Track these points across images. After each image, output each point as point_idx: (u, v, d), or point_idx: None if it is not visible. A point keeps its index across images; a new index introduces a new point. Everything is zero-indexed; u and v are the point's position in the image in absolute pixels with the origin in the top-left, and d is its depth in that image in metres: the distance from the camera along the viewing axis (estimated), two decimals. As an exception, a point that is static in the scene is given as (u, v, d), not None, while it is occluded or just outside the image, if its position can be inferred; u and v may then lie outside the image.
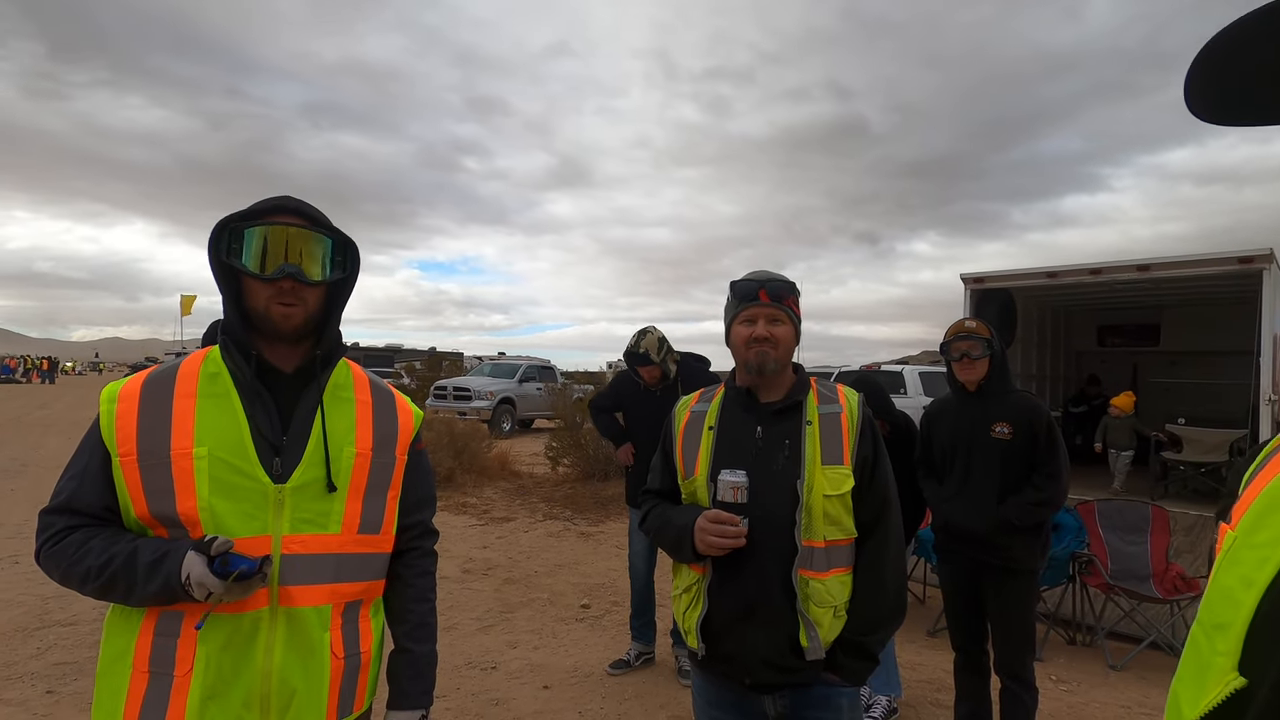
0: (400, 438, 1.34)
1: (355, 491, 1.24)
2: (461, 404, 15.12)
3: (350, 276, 1.29)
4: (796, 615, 1.47)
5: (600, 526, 7.07)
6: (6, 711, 3.06)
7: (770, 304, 1.58)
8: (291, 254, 1.19)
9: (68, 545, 1.15)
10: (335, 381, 1.29)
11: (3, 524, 6.45)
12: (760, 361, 1.56)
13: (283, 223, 1.20)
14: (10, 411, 19.05)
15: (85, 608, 4.37)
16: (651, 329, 3.58)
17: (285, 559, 1.17)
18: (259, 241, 1.18)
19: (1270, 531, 0.46)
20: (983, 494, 2.62)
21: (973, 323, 2.67)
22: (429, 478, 1.44)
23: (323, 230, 1.24)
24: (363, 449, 1.27)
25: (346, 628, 1.24)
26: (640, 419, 3.67)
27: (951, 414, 2.77)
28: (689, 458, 1.62)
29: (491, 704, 3.29)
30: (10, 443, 12.16)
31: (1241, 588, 0.45)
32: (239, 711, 1.15)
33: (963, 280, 7.02)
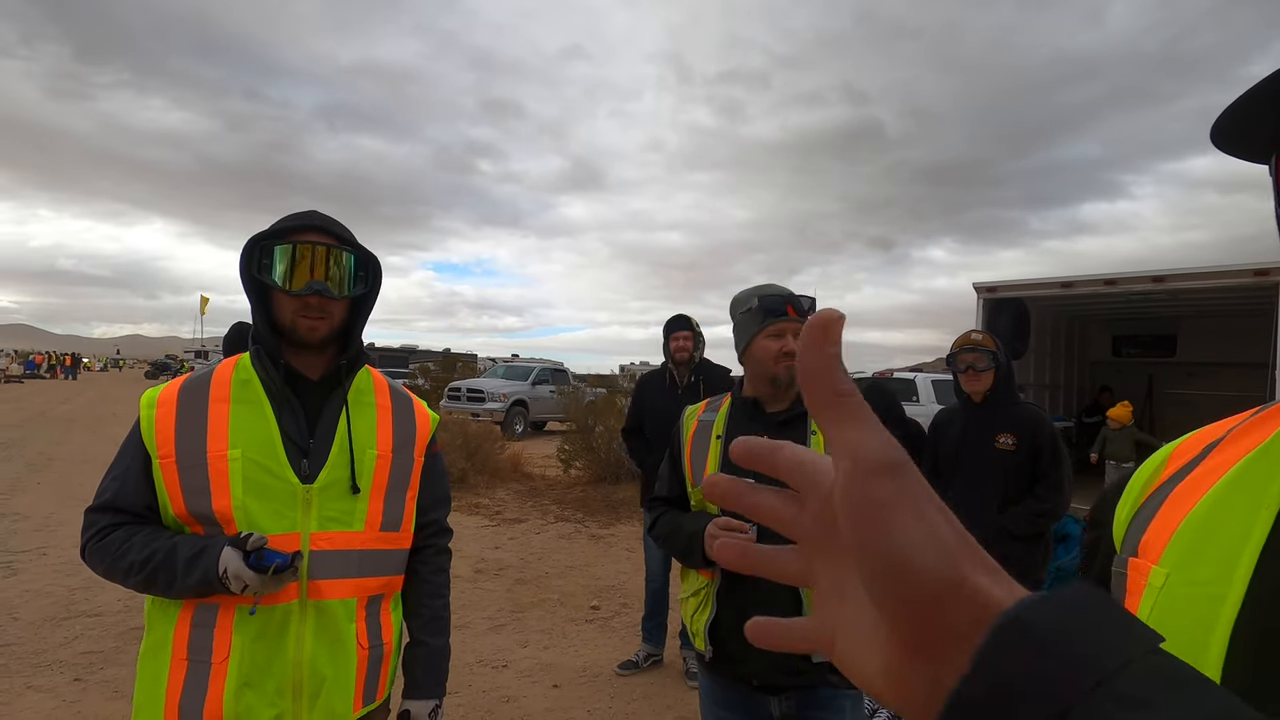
0: (418, 440, 1.42)
1: (377, 491, 1.32)
2: (475, 405, 15.24)
3: (372, 290, 1.37)
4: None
5: (611, 529, 7.13)
6: (36, 699, 3.18)
7: (799, 318, 1.61)
8: (318, 271, 1.26)
9: (111, 541, 1.23)
10: (358, 387, 1.37)
11: (30, 516, 6.62)
12: (791, 375, 1.59)
13: (310, 241, 1.27)
14: (36, 406, 19.44)
15: (111, 599, 4.49)
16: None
17: (313, 555, 1.25)
18: (287, 258, 1.25)
19: (1210, 568, 0.45)
20: (983, 503, 2.66)
21: (979, 335, 2.72)
22: (444, 479, 1.51)
23: (348, 247, 1.31)
24: (383, 451, 1.35)
25: (370, 620, 1.32)
26: (661, 417, 3.74)
27: (957, 424, 2.82)
28: (698, 466, 1.67)
29: (502, 701, 3.36)
30: (36, 437, 12.44)
31: (1201, 631, 0.44)
32: (273, 698, 1.22)
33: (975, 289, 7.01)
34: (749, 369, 1.69)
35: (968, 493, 2.72)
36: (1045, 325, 7.70)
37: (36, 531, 6.09)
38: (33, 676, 3.39)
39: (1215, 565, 0.45)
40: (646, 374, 4.07)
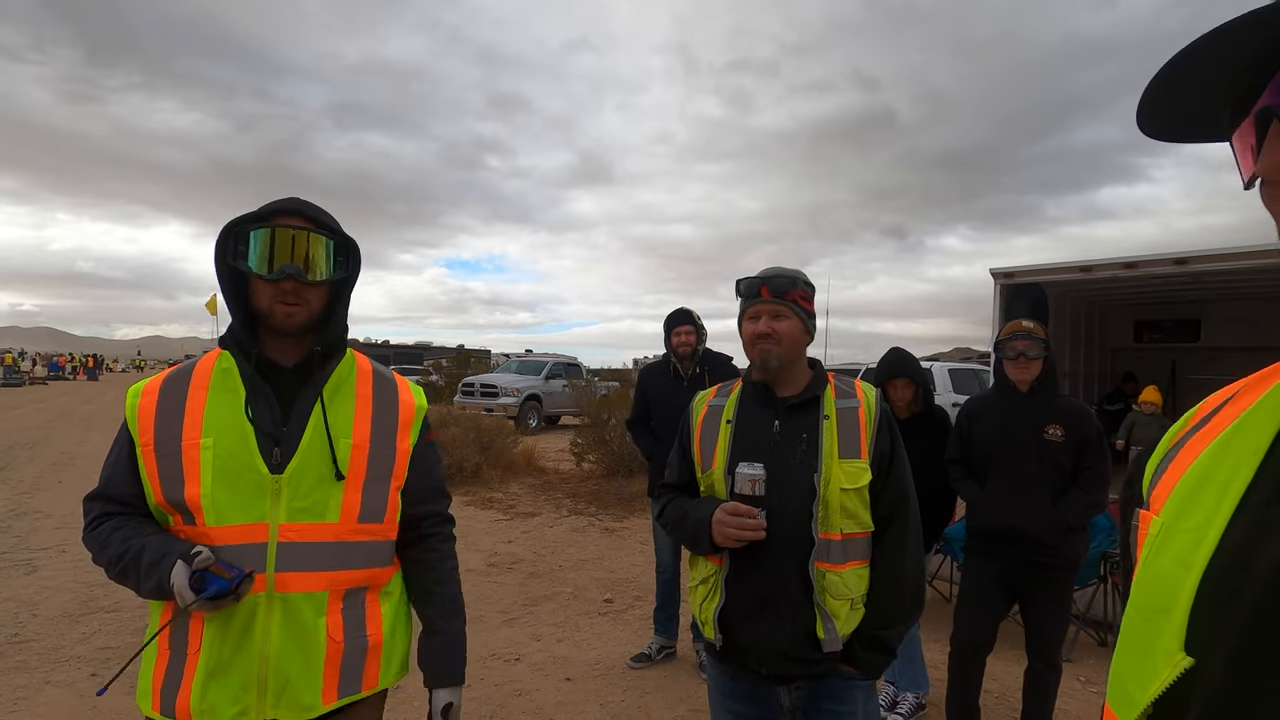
0: (400, 428, 1.36)
1: (354, 481, 1.28)
2: (489, 400, 15.29)
3: (352, 275, 1.33)
4: (813, 607, 1.49)
5: (624, 522, 7.10)
6: (54, 694, 3.20)
7: (772, 300, 1.59)
8: (295, 255, 1.23)
9: (100, 533, 1.25)
10: (338, 375, 1.34)
11: (51, 514, 6.72)
12: (763, 359, 1.58)
13: (286, 225, 1.24)
14: (58, 407, 19.77)
15: (128, 595, 4.53)
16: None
17: (281, 546, 1.22)
18: (264, 243, 1.23)
19: (1199, 514, 0.49)
20: (1036, 495, 2.63)
21: (1030, 323, 2.68)
22: (437, 468, 1.48)
23: (325, 231, 1.27)
24: (360, 440, 1.30)
25: (348, 613, 1.29)
26: (666, 410, 3.70)
27: (998, 413, 2.74)
28: (707, 451, 1.63)
29: (514, 695, 3.35)
30: (58, 437, 12.64)
31: (1179, 570, 0.48)
32: (236, 692, 1.21)
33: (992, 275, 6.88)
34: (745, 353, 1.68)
35: (1009, 485, 2.67)
36: (1064, 311, 7.56)
37: (57, 529, 6.18)
38: (51, 672, 3.42)
39: (1202, 512, 0.49)
40: (649, 365, 4.02)
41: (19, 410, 18.19)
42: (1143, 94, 0.50)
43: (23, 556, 5.32)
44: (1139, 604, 0.51)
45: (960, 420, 2.89)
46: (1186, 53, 0.46)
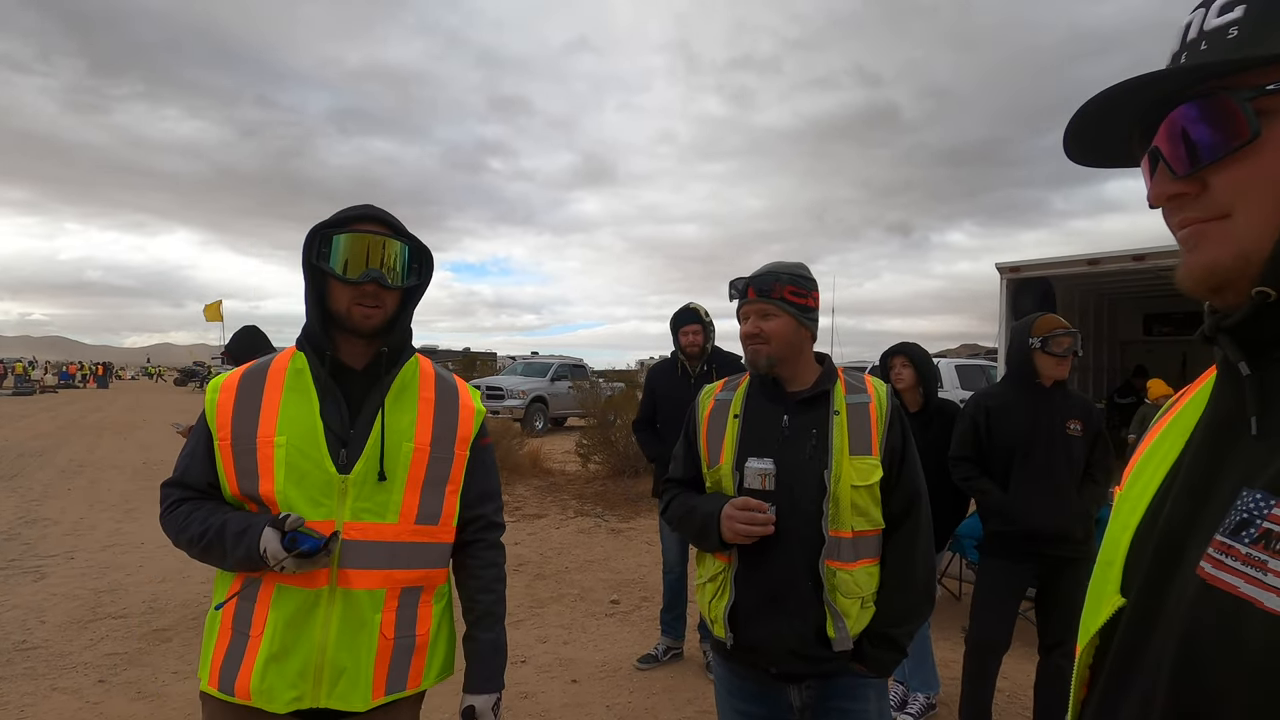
0: (460, 433, 1.40)
1: (413, 484, 1.33)
2: (494, 403, 15.29)
3: (425, 281, 1.40)
4: (824, 605, 1.47)
5: (631, 523, 7.08)
6: (61, 700, 3.20)
7: (758, 300, 1.57)
8: (373, 260, 1.29)
9: (177, 515, 1.32)
10: (403, 378, 1.38)
11: (60, 521, 6.75)
12: (753, 359, 1.57)
13: (367, 230, 1.31)
14: (69, 415, 19.90)
15: (135, 601, 4.54)
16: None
17: (345, 544, 1.28)
18: (345, 247, 1.29)
19: (1140, 485, 0.60)
20: (1065, 489, 2.63)
21: (1060, 318, 2.66)
22: (492, 473, 1.50)
23: (403, 238, 1.34)
24: (421, 444, 1.34)
25: (402, 611, 1.33)
26: (673, 409, 3.68)
27: (1022, 409, 2.68)
28: (714, 446, 1.61)
29: (520, 697, 3.33)
30: (69, 444, 12.72)
31: (1121, 531, 0.59)
32: (294, 678, 1.26)
33: (998, 270, 6.82)
34: None
35: (1042, 484, 2.63)
36: (1073, 305, 7.49)
37: (66, 536, 6.20)
38: (58, 679, 3.42)
39: (1142, 486, 0.60)
40: (657, 364, 3.99)
41: (30, 418, 18.33)
42: (1067, 126, 0.57)
43: (31, 564, 5.34)
44: (1099, 559, 0.62)
45: (975, 416, 2.77)
46: (1107, 94, 0.54)
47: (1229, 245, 0.50)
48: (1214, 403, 0.56)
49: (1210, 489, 0.51)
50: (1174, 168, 0.53)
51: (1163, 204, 0.55)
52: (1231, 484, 0.49)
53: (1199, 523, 0.50)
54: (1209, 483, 0.51)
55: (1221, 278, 0.51)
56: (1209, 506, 0.50)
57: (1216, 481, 0.51)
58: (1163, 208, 0.56)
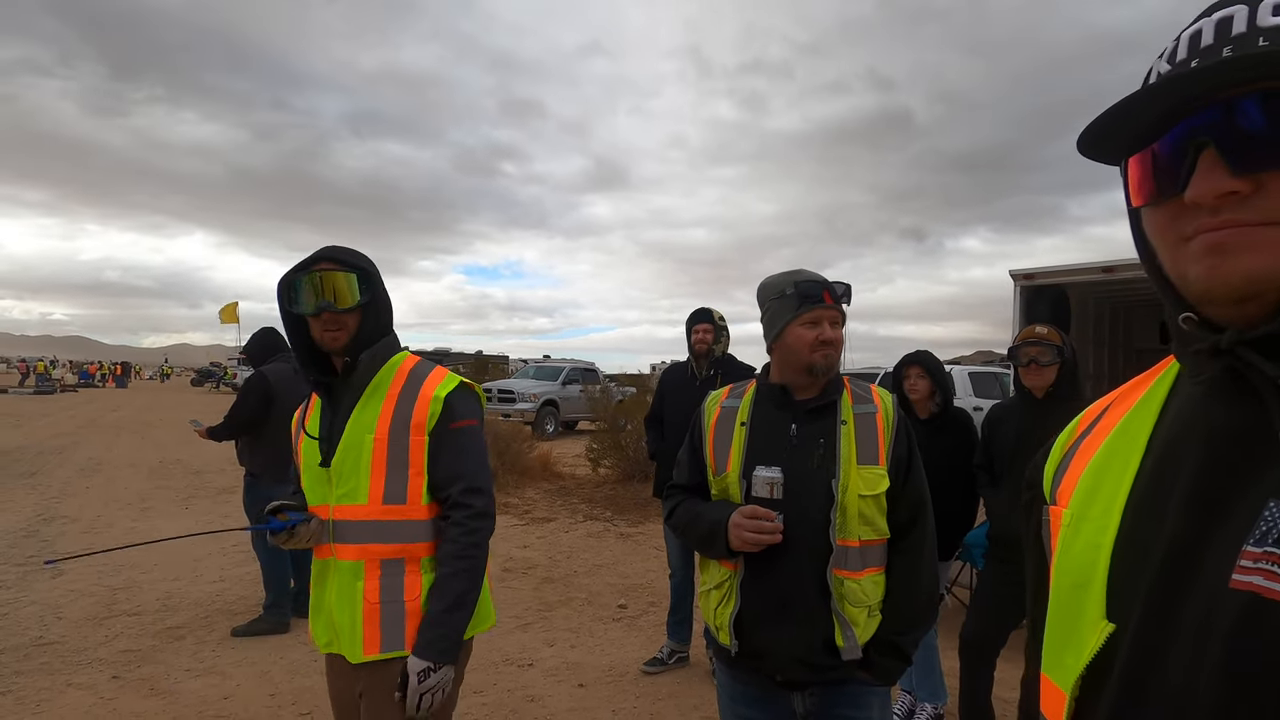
0: (414, 420, 1.52)
1: (378, 470, 1.51)
2: (506, 406, 15.35)
3: (376, 297, 1.58)
4: (830, 614, 1.47)
5: (640, 527, 7.09)
6: (75, 695, 3.26)
7: (834, 305, 1.57)
8: (325, 293, 1.52)
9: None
10: (377, 379, 1.57)
11: (78, 519, 6.85)
12: (828, 364, 1.55)
13: (318, 269, 1.53)
14: (88, 414, 20.20)
15: (150, 598, 4.61)
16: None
17: (335, 523, 1.54)
18: (303, 289, 1.54)
19: (1102, 503, 0.58)
20: None
21: (1044, 328, 2.64)
22: (465, 455, 1.55)
23: (346, 267, 1.55)
24: (380, 435, 1.52)
25: (386, 579, 1.50)
26: (677, 408, 3.73)
27: (1016, 420, 2.73)
28: (720, 453, 1.61)
29: (526, 700, 3.34)
30: (87, 443, 12.91)
31: (1092, 551, 0.57)
32: (322, 629, 1.60)
33: (1011, 277, 6.77)
34: (780, 356, 1.62)
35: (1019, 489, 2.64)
36: (1087, 313, 7.42)
37: (84, 534, 6.30)
38: (73, 674, 3.47)
39: (1103, 502, 0.58)
40: (671, 365, 4.07)
41: (50, 417, 18.62)
42: (1100, 118, 0.54)
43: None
44: (1061, 584, 0.60)
45: (983, 426, 2.89)
46: (1163, 85, 0.51)
47: (1277, 254, 0.47)
48: (1207, 414, 0.54)
49: (1229, 501, 0.49)
50: (1231, 165, 0.48)
51: (1209, 201, 0.49)
52: (1257, 495, 0.48)
53: (1216, 535, 0.49)
54: (1226, 494, 0.50)
55: (1258, 287, 0.48)
56: (1231, 519, 0.49)
57: (1236, 493, 0.49)
58: (1195, 206, 0.51)
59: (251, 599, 4.53)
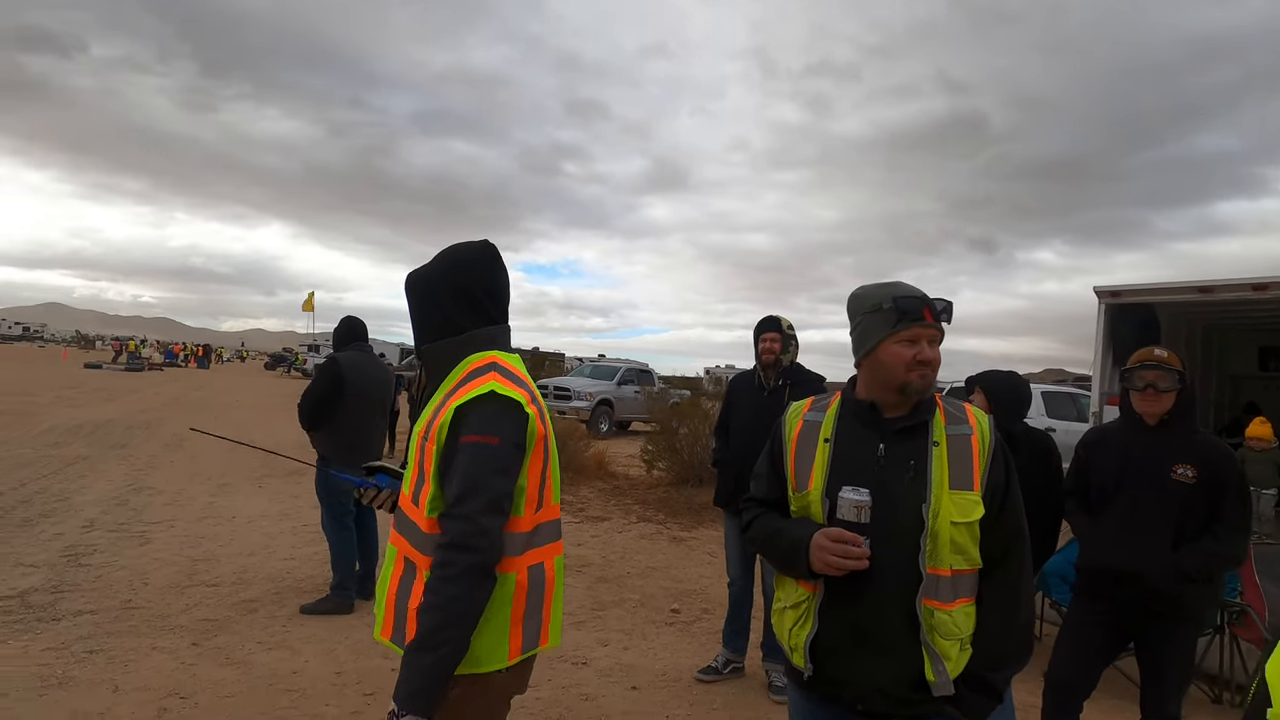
0: (435, 424, 1.48)
1: (414, 466, 1.52)
2: (561, 403, 15.54)
3: (414, 305, 1.65)
4: (919, 646, 1.40)
5: (693, 532, 7.05)
6: (159, 659, 3.45)
7: (934, 324, 1.49)
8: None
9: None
10: (446, 383, 1.57)
11: (163, 491, 7.28)
12: (925, 385, 1.48)
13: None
14: (172, 393, 21.45)
15: (227, 571, 4.85)
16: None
17: (398, 506, 1.56)
18: None
19: None
20: (1154, 538, 2.42)
21: (1163, 351, 2.46)
22: (457, 474, 1.40)
23: (406, 291, 1.67)
24: (419, 433, 1.53)
25: (404, 576, 1.46)
26: (744, 417, 3.69)
27: (1121, 446, 2.55)
28: (802, 470, 1.55)
29: (581, 699, 3.36)
30: (171, 420, 13.72)
31: None
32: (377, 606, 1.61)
33: (1096, 293, 6.45)
34: (870, 373, 1.55)
35: (1123, 524, 2.47)
36: (1178, 334, 7.00)
37: (168, 505, 6.68)
38: (158, 638, 3.68)
39: None
40: (739, 374, 4.03)
41: (139, 393, 19.86)
42: None
43: (137, 529, 5.78)
44: None
45: (1079, 449, 2.72)
46: None
47: None
48: None
49: None
50: None
51: None
52: None
53: None
54: None
55: None
56: None
57: None
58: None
59: (319, 578, 4.71)
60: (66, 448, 9.55)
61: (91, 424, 12.14)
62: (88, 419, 12.79)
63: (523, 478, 1.46)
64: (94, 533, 5.56)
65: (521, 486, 1.46)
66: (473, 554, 1.34)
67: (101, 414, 13.79)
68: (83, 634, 3.65)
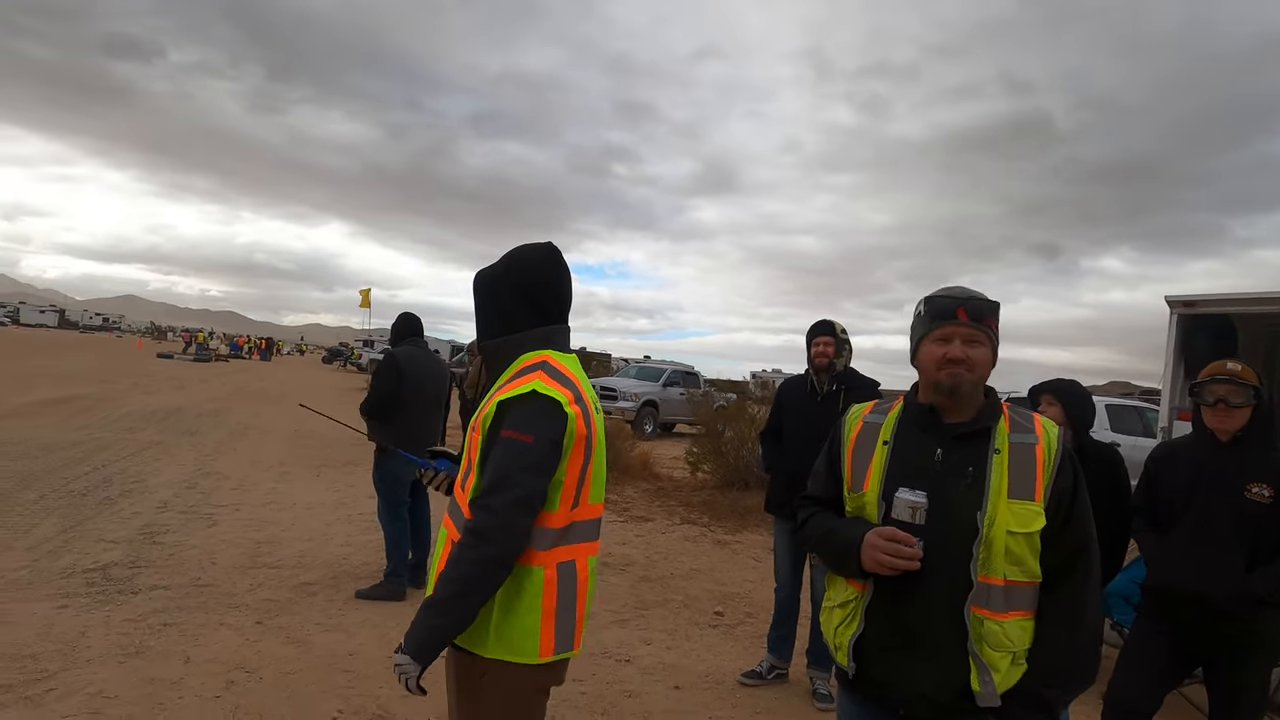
0: (480, 418, 1.55)
1: (467, 454, 1.60)
2: (607, 403, 15.65)
3: (481, 304, 1.71)
4: (965, 654, 1.39)
5: (737, 536, 7.01)
6: (227, 635, 3.63)
7: (969, 323, 1.48)
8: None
9: None
10: (501, 379, 1.63)
11: (229, 476, 7.64)
12: (954, 383, 1.47)
13: None
14: (237, 383, 22.44)
15: (288, 555, 5.06)
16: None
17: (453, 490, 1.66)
18: None
19: None
20: (1225, 558, 2.32)
21: (1236, 365, 2.37)
22: (498, 463, 1.45)
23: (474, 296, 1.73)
24: (472, 425, 1.60)
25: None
26: (796, 423, 3.65)
27: (1192, 462, 2.46)
28: (858, 471, 1.56)
29: (625, 695, 3.39)
30: (237, 409, 14.38)
31: None
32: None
33: (1168, 303, 6.16)
34: (919, 375, 1.58)
35: (1192, 543, 2.38)
36: (1257, 349, 6.61)
37: (234, 490, 7.01)
38: (225, 615, 3.88)
39: None
40: (789, 379, 3.98)
41: (207, 383, 20.86)
42: None
43: (206, 511, 6.09)
44: None
45: (1148, 464, 2.62)
46: None
47: None
48: None
49: None
50: None
51: None
52: None
53: None
54: None
55: None
56: None
57: None
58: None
59: (373, 565, 4.88)
60: (141, 433, 10.11)
61: (164, 411, 12.82)
62: (160, 406, 13.51)
63: (560, 474, 1.49)
64: (167, 513, 5.88)
65: (558, 483, 1.49)
66: (489, 544, 1.41)
67: (173, 402, 14.54)
68: (158, 607, 3.88)
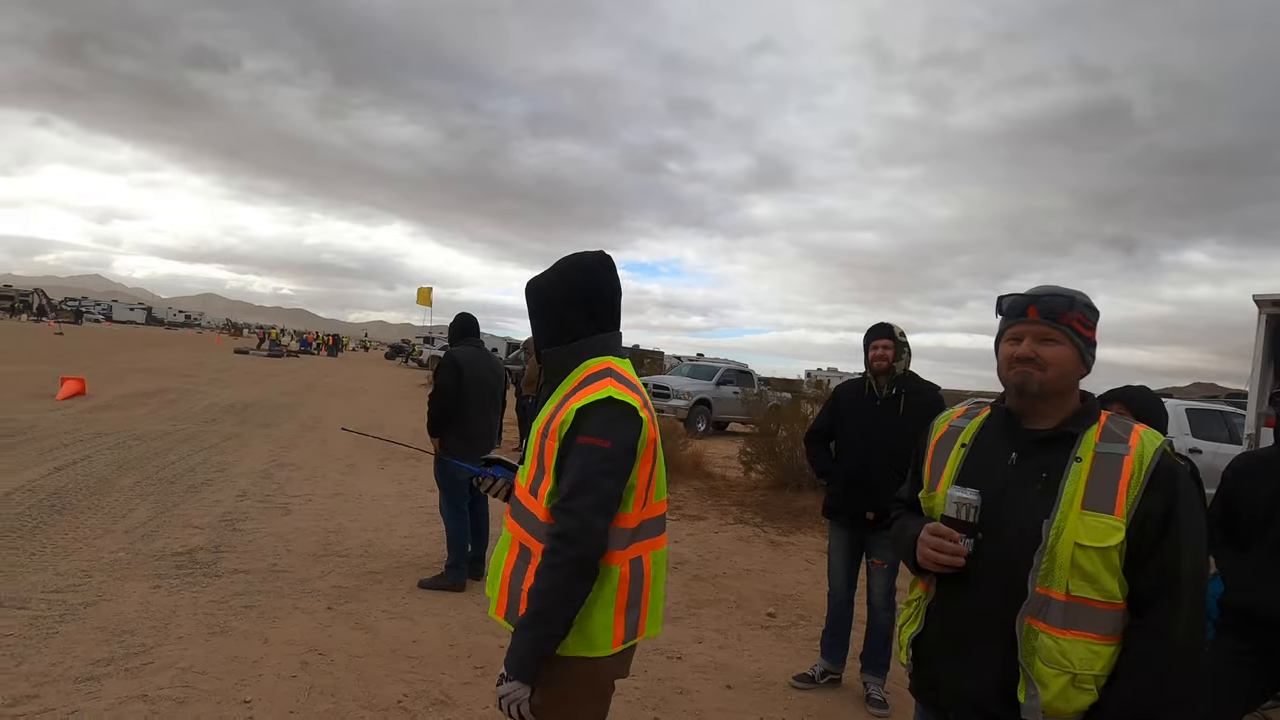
0: (554, 426, 1.58)
1: (533, 459, 1.64)
2: (659, 401, 15.70)
3: (537, 310, 1.74)
4: (1015, 664, 1.35)
5: (790, 537, 6.97)
6: (301, 618, 3.85)
7: (1041, 321, 1.44)
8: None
9: None
10: (566, 382, 1.66)
11: (302, 467, 8.04)
12: (1021, 381, 1.43)
13: None
14: (307, 379, 23.48)
15: (356, 544, 5.32)
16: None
17: (514, 494, 1.70)
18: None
19: None
20: None
21: None
22: (577, 471, 1.50)
23: (527, 294, 1.76)
24: (539, 429, 1.64)
25: (518, 561, 1.59)
26: (854, 427, 3.58)
27: (1274, 475, 2.35)
28: (935, 471, 1.57)
29: (676, 692, 3.44)
30: (308, 403, 15.08)
31: None
32: (488, 587, 1.71)
33: (1256, 302, 5.82)
34: (999, 377, 1.56)
35: (1272, 557, 2.28)
36: (1359, 350, 6.16)
37: (306, 480, 7.38)
38: (299, 600, 4.11)
39: None
40: (846, 381, 3.90)
41: (278, 378, 21.91)
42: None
43: (280, 500, 6.43)
44: None
45: (1226, 474, 2.51)
46: None
47: None
48: None
49: None
50: None
51: None
52: None
53: None
54: None
55: None
56: None
57: None
58: None
59: (435, 556, 5.07)
60: (221, 425, 10.72)
61: (241, 404, 13.55)
62: (237, 400, 14.28)
63: (633, 477, 1.55)
64: (246, 502, 6.24)
65: (631, 485, 1.55)
66: (577, 547, 1.46)
67: (249, 396, 15.35)
68: (239, 590, 4.14)
